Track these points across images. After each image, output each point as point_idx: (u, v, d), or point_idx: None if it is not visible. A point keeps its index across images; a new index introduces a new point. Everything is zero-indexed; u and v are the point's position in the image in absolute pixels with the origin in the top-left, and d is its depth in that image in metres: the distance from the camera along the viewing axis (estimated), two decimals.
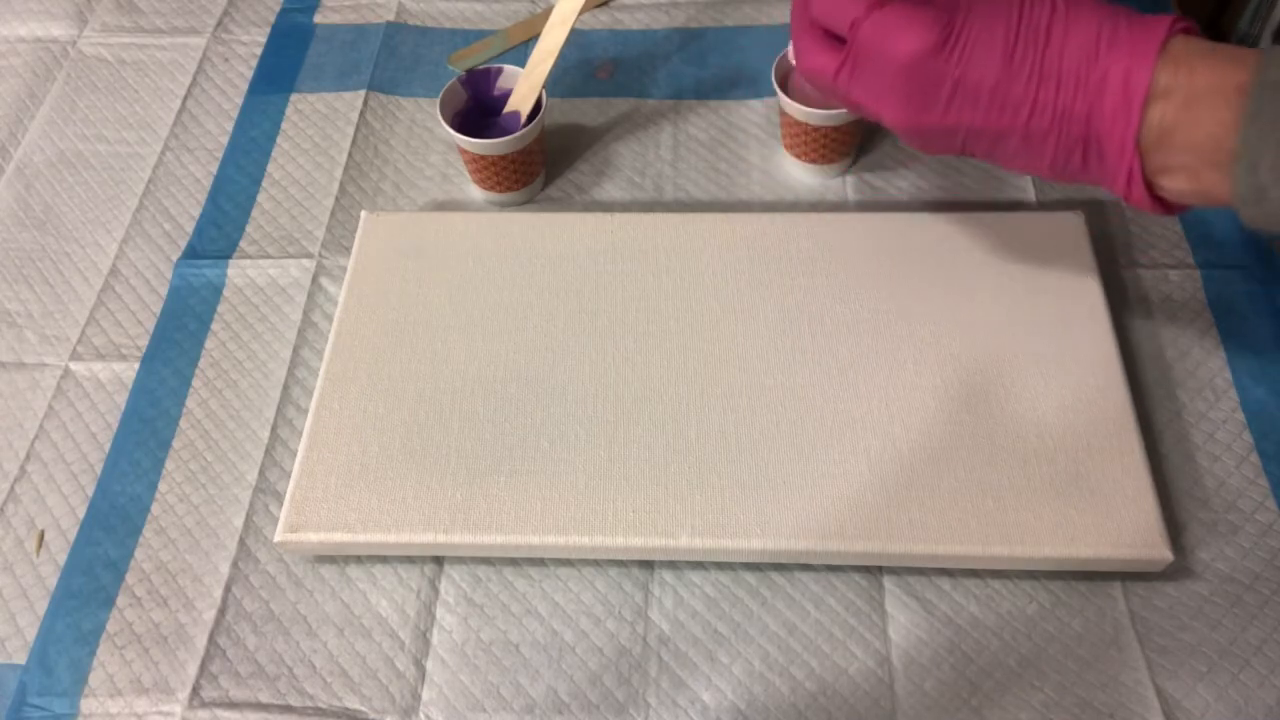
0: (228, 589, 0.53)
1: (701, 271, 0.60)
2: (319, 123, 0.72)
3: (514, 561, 0.53)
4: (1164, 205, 0.45)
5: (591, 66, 0.74)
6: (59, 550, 0.55)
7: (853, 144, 0.66)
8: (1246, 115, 0.40)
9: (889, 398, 0.54)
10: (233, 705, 0.50)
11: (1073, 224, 0.60)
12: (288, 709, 0.49)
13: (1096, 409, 0.53)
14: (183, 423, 0.59)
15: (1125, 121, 0.43)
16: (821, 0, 0.48)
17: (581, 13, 0.63)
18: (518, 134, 0.62)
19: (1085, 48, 0.43)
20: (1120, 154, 0.43)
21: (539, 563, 0.53)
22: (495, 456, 0.53)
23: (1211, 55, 0.42)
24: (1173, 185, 0.44)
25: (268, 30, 0.78)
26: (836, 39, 0.48)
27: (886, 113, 0.47)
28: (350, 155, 0.70)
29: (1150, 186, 0.44)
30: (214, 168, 0.70)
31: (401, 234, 0.62)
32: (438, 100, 0.64)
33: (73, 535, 0.55)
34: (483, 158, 0.64)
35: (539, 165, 0.67)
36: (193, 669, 0.51)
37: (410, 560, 0.53)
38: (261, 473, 0.57)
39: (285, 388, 0.60)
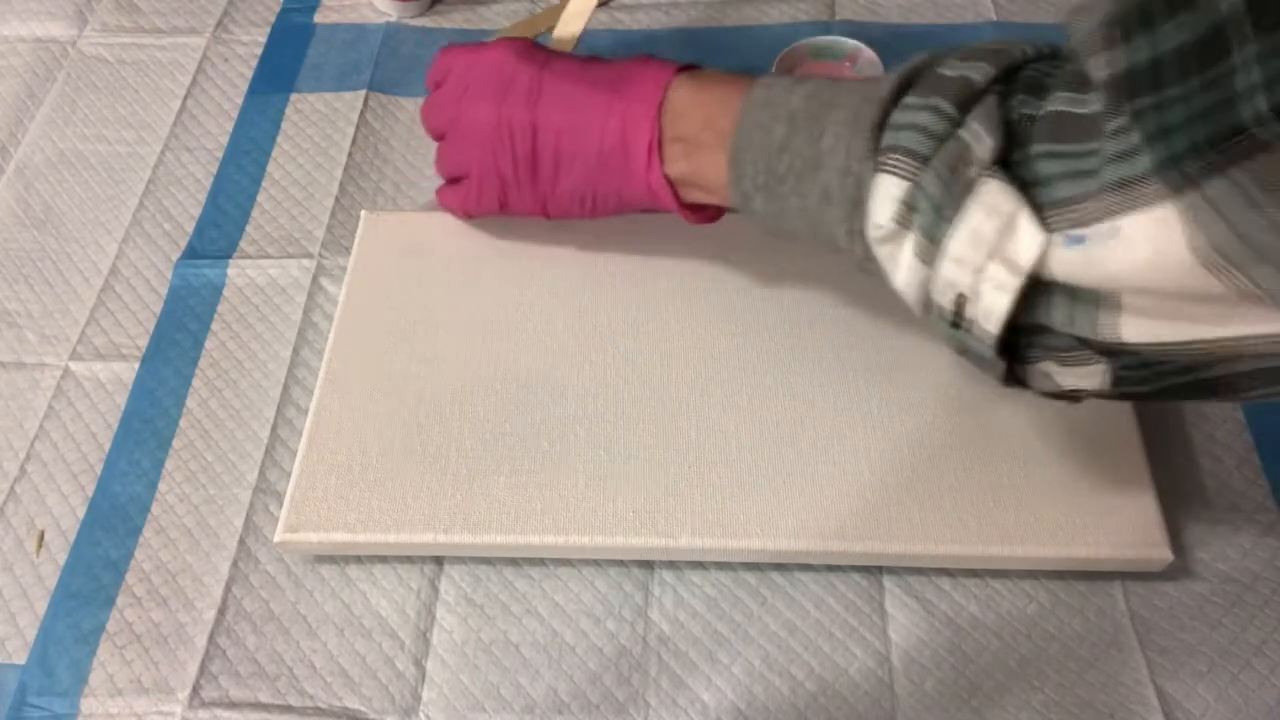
0: (228, 589, 0.53)
1: (701, 271, 0.60)
2: (319, 123, 0.72)
3: (514, 561, 0.53)
4: (692, 210, 0.52)
5: None
6: (59, 550, 0.55)
7: None
8: (736, 131, 0.46)
9: (889, 397, 0.54)
10: (233, 705, 0.50)
11: None
12: (288, 709, 0.49)
13: (1097, 409, 0.53)
14: (183, 423, 0.59)
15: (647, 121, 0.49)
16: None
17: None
18: None
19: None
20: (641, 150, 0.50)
21: (539, 563, 0.53)
22: (495, 457, 0.53)
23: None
24: (686, 193, 0.51)
25: (268, 30, 0.78)
26: None
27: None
28: (350, 155, 0.70)
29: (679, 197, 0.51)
30: (214, 168, 0.70)
31: (401, 234, 0.62)
32: None
33: (73, 535, 0.55)
34: None
35: None
36: (193, 669, 0.51)
37: (410, 560, 0.53)
38: (261, 473, 0.57)
39: (285, 388, 0.60)
